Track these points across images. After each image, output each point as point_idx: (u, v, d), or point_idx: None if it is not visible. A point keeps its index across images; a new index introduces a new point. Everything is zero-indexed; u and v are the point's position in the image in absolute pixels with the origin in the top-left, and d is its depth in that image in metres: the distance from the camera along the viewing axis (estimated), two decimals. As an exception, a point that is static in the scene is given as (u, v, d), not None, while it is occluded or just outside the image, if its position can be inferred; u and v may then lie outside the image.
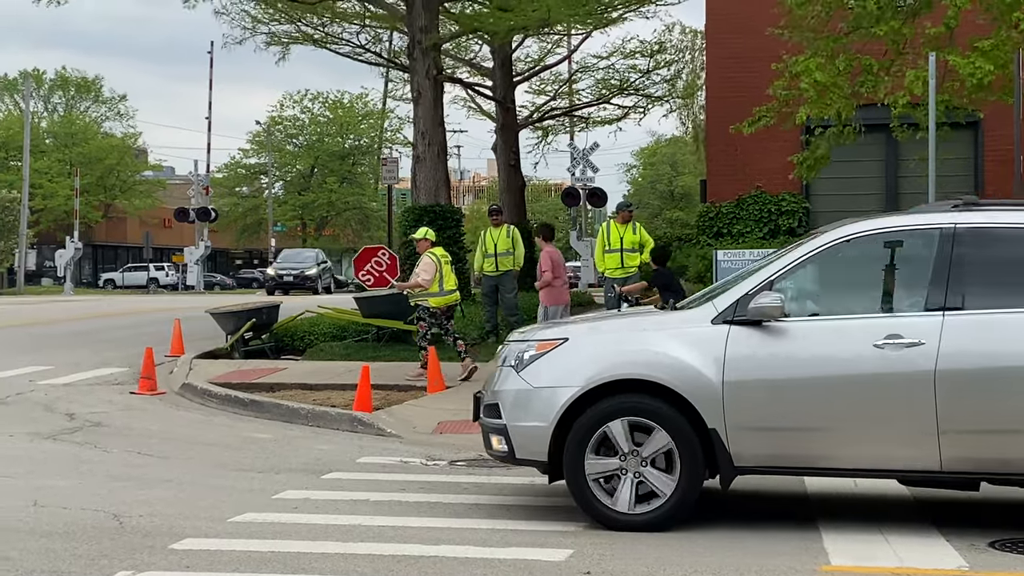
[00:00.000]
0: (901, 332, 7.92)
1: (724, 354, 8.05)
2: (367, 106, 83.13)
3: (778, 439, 8.07)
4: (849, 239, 8.37)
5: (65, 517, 8.43)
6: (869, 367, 7.89)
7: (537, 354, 8.43)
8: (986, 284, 8.08)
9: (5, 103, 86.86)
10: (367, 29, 31.26)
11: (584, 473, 8.16)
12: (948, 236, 8.14)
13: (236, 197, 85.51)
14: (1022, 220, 8.24)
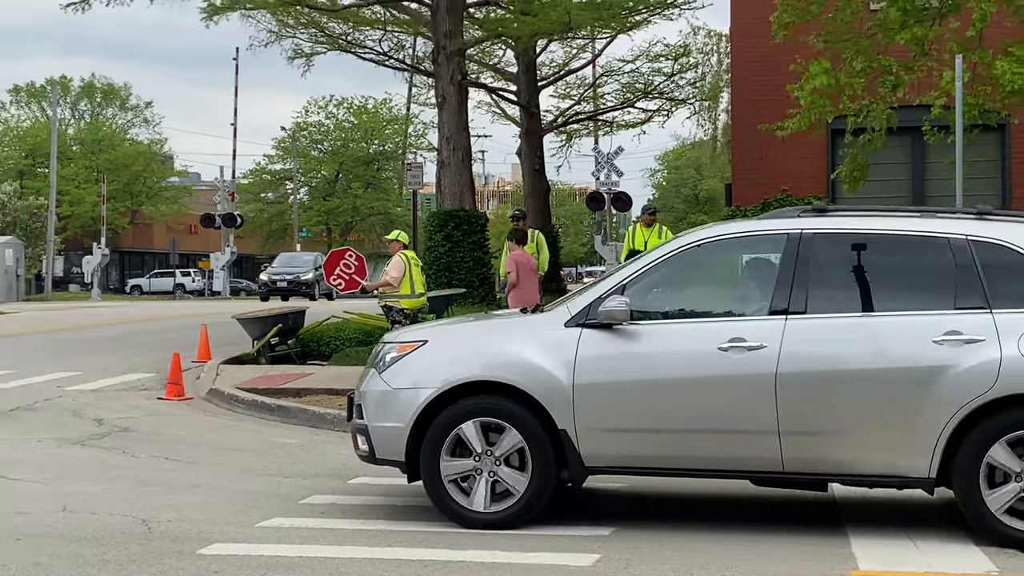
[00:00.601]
0: (745, 336, 8.04)
1: (575, 357, 8.19)
2: (391, 111, 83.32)
3: (627, 440, 8.22)
4: (700, 244, 8.56)
5: (94, 522, 8.47)
6: (713, 370, 8.04)
7: (398, 356, 8.58)
8: (828, 289, 8.20)
9: (32, 110, 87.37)
10: (391, 35, 31.36)
11: (440, 473, 8.32)
12: (795, 241, 8.25)
13: (262, 203, 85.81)
14: (865, 226, 8.40)
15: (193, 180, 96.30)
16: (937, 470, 7.83)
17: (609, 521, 8.57)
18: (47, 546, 7.74)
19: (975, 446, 7.75)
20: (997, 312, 7.89)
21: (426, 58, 32.13)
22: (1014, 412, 7.73)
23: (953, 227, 8.24)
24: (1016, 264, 8.06)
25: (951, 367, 7.77)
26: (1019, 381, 7.71)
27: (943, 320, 7.91)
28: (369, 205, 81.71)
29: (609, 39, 34.87)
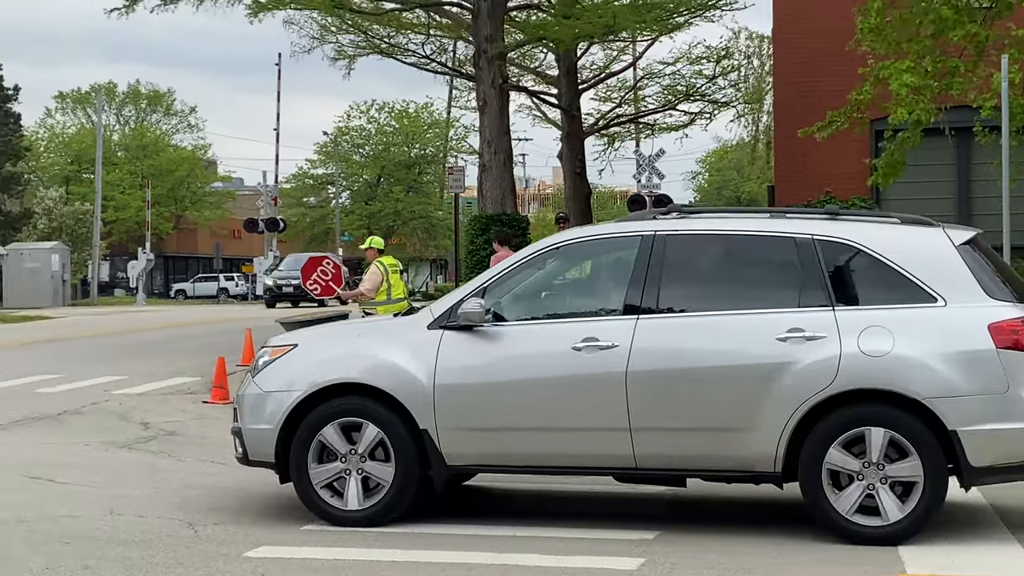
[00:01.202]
0: (597, 335, 8.17)
1: (436, 358, 8.34)
2: (432, 115, 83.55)
3: (487, 439, 8.35)
4: (558, 246, 8.76)
5: (141, 526, 8.54)
6: (568, 369, 8.18)
7: (270, 360, 8.77)
8: (679, 288, 8.36)
9: (78, 117, 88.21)
10: (432, 39, 31.46)
11: (308, 474, 8.44)
12: (648, 242, 8.39)
13: (304, 207, 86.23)
14: (716, 227, 8.61)
15: (236, 185, 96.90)
16: (783, 465, 7.94)
17: (654, 524, 8.55)
18: (96, 549, 7.81)
19: (816, 446, 7.85)
20: (839, 310, 7.99)
21: (467, 62, 32.20)
22: (852, 409, 7.84)
23: (801, 227, 8.36)
24: (860, 262, 8.18)
25: (793, 364, 7.88)
26: (857, 377, 7.80)
27: (787, 318, 8.02)
28: (410, 209, 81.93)
29: (650, 41, 34.76)
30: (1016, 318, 7.88)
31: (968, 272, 8.02)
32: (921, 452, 7.72)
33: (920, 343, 7.82)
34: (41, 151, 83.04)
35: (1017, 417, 7.74)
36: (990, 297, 7.98)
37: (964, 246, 8.17)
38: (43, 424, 14.06)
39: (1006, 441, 7.76)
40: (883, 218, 8.83)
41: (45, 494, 9.76)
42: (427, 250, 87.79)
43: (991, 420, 7.72)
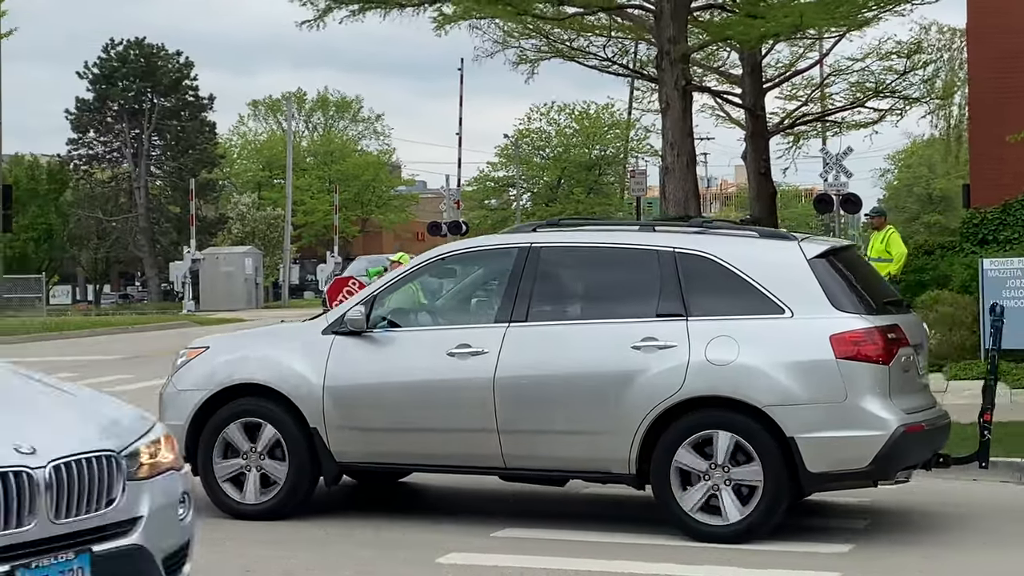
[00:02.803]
0: (470, 342, 8.64)
1: (326, 362, 8.85)
2: (613, 116, 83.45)
3: (372, 439, 8.84)
4: (444, 257, 9.36)
5: (327, 527, 8.73)
6: (443, 373, 8.65)
7: (186, 360, 9.36)
8: (549, 298, 8.80)
9: (269, 124, 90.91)
10: (614, 42, 31.36)
11: (212, 469, 8.97)
12: (523, 254, 8.83)
13: (485, 210, 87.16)
14: (586, 240, 9.07)
15: (419, 188, 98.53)
16: (636, 467, 8.26)
17: (848, 537, 8.35)
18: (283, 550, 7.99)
19: (665, 449, 8.17)
20: (692, 320, 8.31)
21: (649, 63, 32.00)
22: (698, 415, 8.14)
23: (663, 240, 8.71)
24: (715, 274, 8.45)
25: (645, 371, 8.23)
26: (703, 384, 8.11)
27: (643, 327, 8.39)
28: (591, 210, 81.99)
29: (838, 38, 33.98)
30: (857, 330, 8.09)
31: (817, 285, 8.28)
32: (762, 457, 7.97)
33: (764, 353, 8.12)
34: (235, 158, 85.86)
35: (854, 425, 7.98)
36: (836, 309, 8.22)
37: (818, 259, 8.43)
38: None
39: (842, 448, 8.00)
40: (743, 232, 9.10)
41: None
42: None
43: (828, 428, 7.98)
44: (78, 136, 68.44)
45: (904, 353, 8.30)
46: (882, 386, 8.08)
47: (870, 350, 8.07)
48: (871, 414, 7.98)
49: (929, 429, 8.38)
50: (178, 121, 68.69)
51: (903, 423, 8.02)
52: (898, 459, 8.08)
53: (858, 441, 7.97)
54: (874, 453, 7.92)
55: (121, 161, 68.32)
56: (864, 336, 8.08)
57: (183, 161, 67.88)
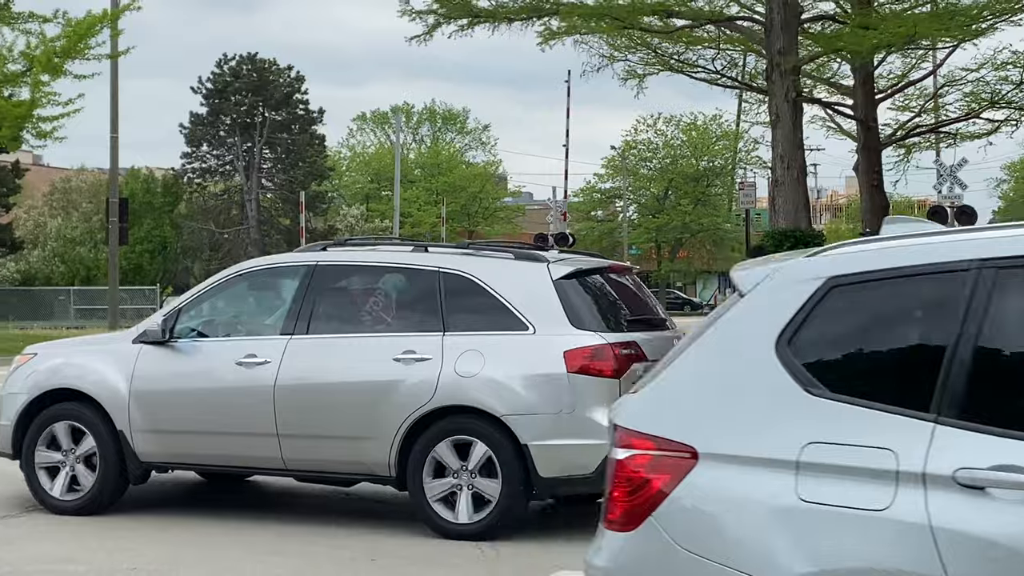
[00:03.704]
0: (256, 352, 9.37)
1: (133, 368, 9.64)
2: (721, 127, 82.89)
3: (172, 440, 9.56)
4: (242, 273, 10.13)
5: (441, 545, 8.77)
6: (231, 381, 9.39)
7: (18, 365, 10.20)
8: (327, 312, 9.49)
9: (377, 137, 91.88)
10: (723, 53, 31.16)
11: (33, 463, 9.81)
12: (309, 271, 9.60)
13: (592, 221, 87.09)
14: (363, 258, 9.78)
15: (526, 200, 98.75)
16: (396, 470, 8.93)
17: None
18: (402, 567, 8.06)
19: (418, 454, 8.85)
20: (448, 335, 8.99)
21: (758, 75, 31.75)
22: (451, 421, 8.83)
23: (431, 260, 9.42)
24: (471, 293, 9.13)
25: (403, 381, 8.91)
26: (451, 394, 8.79)
27: (405, 341, 9.08)
28: (698, 222, 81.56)
29: (951, 48, 33.40)
30: (589, 345, 8.72)
31: (558, 303, 8.94)
32: (502, 464, 8.64)
33: (505, 366, 8.80)
34: (343, 170, 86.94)
35: (582, 434, 8.58)
36: (574, 326, 8.86)
37: (563, 280, 9.09)
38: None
39: (570, 455, 8.62)
40: (500, 253, 9.64)
41: (350, 510, 10.16)
42: (715, 263, 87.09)
43: (558, 436, 8.64)
44: (192, 150, 69.87)
45: (641, 368, 8.68)
46: (611, 399, 8.23)
47: (600, 365, 8.72)
48: (597, 424, 8.43)
49: None
50: (289, 134, 69.76)
51: None
52: None
53: (584, 449, 8.52)
54: (599, 461, 8.13)
55: (233, 174, 69.58)
56: (594, 351, 8.73)
57: (293, 174, 68.92)
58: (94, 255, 61.63)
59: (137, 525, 9.47)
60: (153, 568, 8.12)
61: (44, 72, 34.06)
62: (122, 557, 8.41)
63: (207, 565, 8.26)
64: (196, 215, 68.02)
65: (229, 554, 8.54)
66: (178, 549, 8.69)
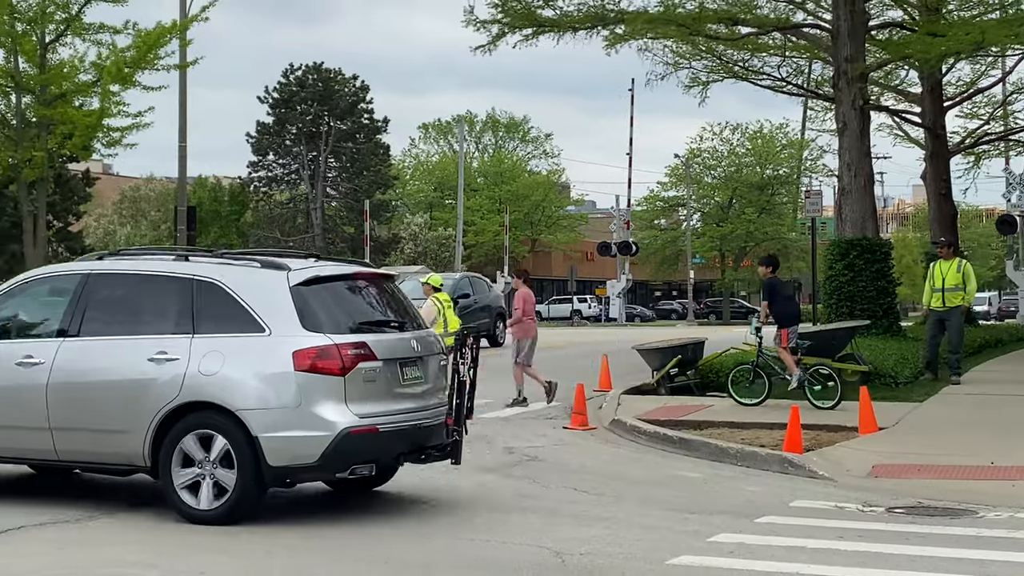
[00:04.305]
0: (33, 353, 10.33)
1: None
2: (787, 135, 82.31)
3: None
4: (28, 280, 11.07)
5: (509, 552, 8.78)
6: (11, 380, 10.35)
7: None
8: (97, 317, 10.35)
9: (440, 146, 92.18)
10: (788, 61, 30.98)
11: None
12: (83, 279, 10.57)
13: (655, 230, 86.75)
14: (130, 267, 10.62)
15: (589, 208, 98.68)
16: (151, 460, 9.82)
17: None
18: (470, 574, 8.07)
19: (167, 447, 9.72)
20: (196, 336, 9.86)
21: (825, 82, 31.51)
22: (196, 416, 9.67)
23: (188, 268, 10.30)
24: (220, 299, 9.95)
25: (155, 379, 9.79)
26: (194, 391, 9.68)
27: (160, 342, 9.95)
28: (763, 230, 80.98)
29: (1021, 55, 32.97)
30: (315, 346, 9.58)
31: (292, 308, 9.79)
32: (237, 453, 9.49)
33: (242, 365, 9.66)
34: (407, 179, 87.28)
35: (306, 427, 9.47)
36: (306, 329, 9.70)
37: (300, 286, 9.95)
38: (414, 446, 14.69)
39: (296, 446, 9.50)
40: (248, 261, 10.38)
41: (419, 516, 10.22)
42: (780, 272, 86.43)
43: (286, 429, 9.47)
44: (258, 159, 70.54)
45: (370, 367, 9.75)
46: (336, 394, 9.58)
47: (325, 364, 9.56)
48: (320, 418, 9.48)
49: (388, 431, 9.80)
50: (353, 143, 70.21)
51: (351, 426, 9.51)
52: (345, 456, 9.56)
53: (308, 440, 9.47)
54: (321, 451, 9.43)
55: (299, 183, 70.14)
56: (320, 351, 9.58)
57: (358, 182, 69.35)
58: (162, 263, 62.26)
59: (209, 531, 9.58)
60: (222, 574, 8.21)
61: (114, 82, 34.54)
62: (199, 560, 8.51)
63: (283, 573, 8.33)
64: (262, 223, 68.63)
65: (305, 560, 8.62)
66: (251, 559, 8.78)
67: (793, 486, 12.08)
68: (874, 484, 12.07)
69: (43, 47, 35.09)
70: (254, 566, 8.43)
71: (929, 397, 17.96)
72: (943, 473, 12.37)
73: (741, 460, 13.51)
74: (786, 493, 11.64)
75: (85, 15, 35.32)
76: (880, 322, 22.86)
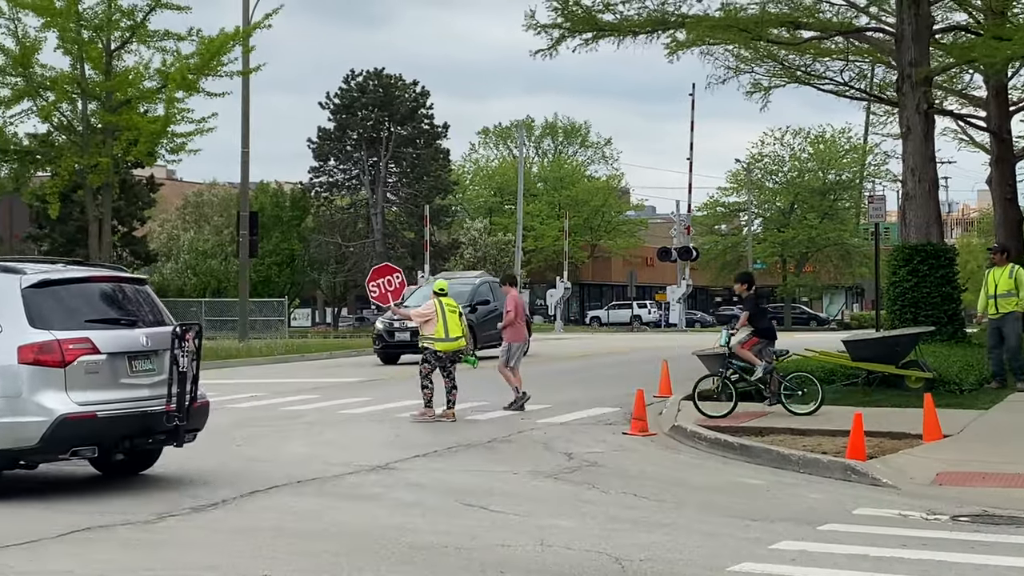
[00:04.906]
0: None
1: None
2: (850, 140, 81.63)
3: None
4: None
5: (570, 558, 8.75)
6: None
7: None
8: None
9: (500, 151, 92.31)
10: (851, 65, 30.74)
11: None
12: None
13: (715, 235, 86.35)
14: None
15: (648, 213, 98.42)
16: None
17: None
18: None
19: None
20: None
21: (888, 87, 31.24)
22: None
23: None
24: None
25: None
26: None
27: None
28: (825, 236, 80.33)
29: (1090, 58, 32.46)
30: (36, 342, 10.82)
31: (22, 308, 11.01)
32: None
33: None
34: (467, 184, 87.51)
35: (28, 413, 10.76)
36: (34, 327, 10.95)
37: (31, 288, 11.17)
38: (474, 451, 14.73)
39: (19, 430, 10.74)
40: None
41: (479, 521, 10.22)
42: (842, 278, 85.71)
43: (10, 415, 10.73)
44: (319, 164, 71.00)
45: (92, 359, 11.03)
46: (56, 384, 10.84)
47: (47, 357, 10.82)
48: (40, 405, 10.75)
49: (109, 417, 11.02)
50: (414, 149, 70.48)
51: (68, 412, 10.76)
52: (64, 440, 10.82)
53: (29, 425, 10.73)
54: (40, 435, 10.73)
55: (359, 188, 70.52)
56: (41, 347, 10.82)
57: (418, 188, 69.61)
58: (224, 267, 62.94)
59: (281, 533, 9.64)
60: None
61: (179, 89, 34.93)
62: (260, 564, 8.58)
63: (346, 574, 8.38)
64: (323, 228, 69.06)
65: (355, 561, 8.66)
66: (316, 559, 8.83)
67: (856, 493, 11.96)
68: (938, 492, 11.92)
69: (109, 54, 35.56)
70: (318, 569, 8.48)
71: (994, 405, 17.73)
72: (1009, 481, 12.19)
73: (803, 467, 13.40)
74: (849, 500, 11.53)
75: (150, 22, 35.77)
76: (944, 329, 22.62)
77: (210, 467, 13.17)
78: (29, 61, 34.66)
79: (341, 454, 14.32)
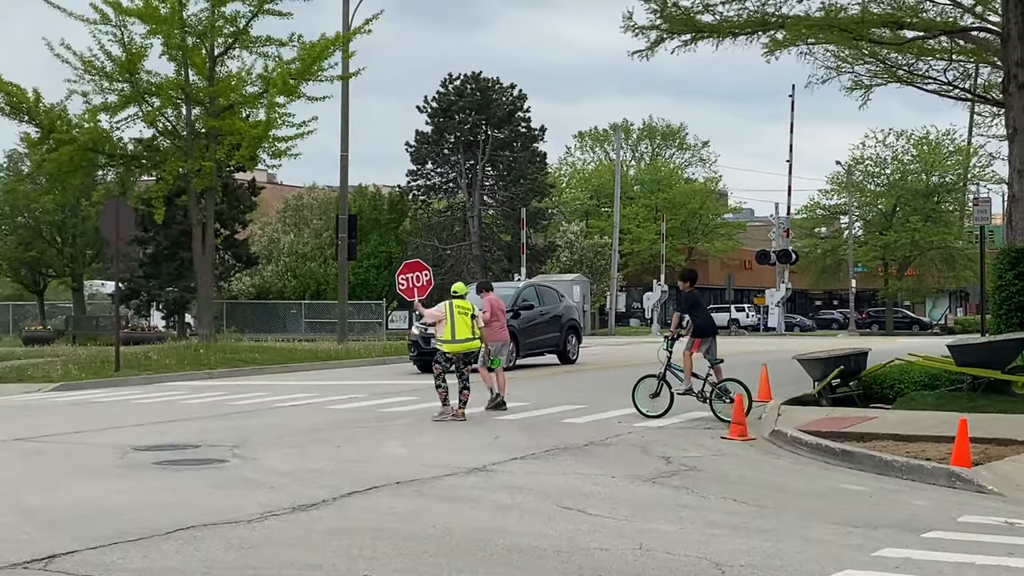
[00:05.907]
0: None
1: None
2: (954, 141, 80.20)
3: None
4: None
5: (669, 563, 8.71)
6: None
7: None
8: None
9: (596, 154, 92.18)
10: (955, 65, 30.20)
11: None
12: None
13: (815, 238, 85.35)
14: None
15: (746, 216, 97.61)
16: None
17: None
18: None
19: None
20: None
21: (993, 87, 30.63)
22: None
23: None
24: None
25: None
26: None
27: None
28: (928, 239, 78.98)
29: None
30: None
31: None
32: None
33: None
34: (563, 187, 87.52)
35: None
36: None
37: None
38: (571, 454, 14.72)
39: None
40: None
41: (576, 525, 10.19)
42: (946, 281, 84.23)
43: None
44: (417, 167, 71.47)
45: None
46: None
47: None
48: None
49: None
50: (510, 152, 70.65)
51: None
52: None
53: None
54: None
55: (456, 191, 70.85)
56: None
57: (515, 191, 69.75)
58: (324, 270, 63.66)
59: (379, 534, 9.72)
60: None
61: (280, 93, 35.44)
62: (360, 564, 8.66)
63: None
64: (420, 231, 69.51)
65: (454, 563, 8.70)
66: (416, 560, 8.90)
67: (961, 500, 11.74)
68: (1047, 501, 11.66)
69: (212, 60, 36.18)
70: (418, 569, 8.54)
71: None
72: (1121, 491, 11.88)
73: (906, 473, 13.19)
74: (954, 508, 11.32)
75: (252, 28, 36.34)
76: (1057, 334, 22.06)
77: (310, 467, 13.34)
78: (135, 67, 35.41)
79: (439, 456, 14.41)
